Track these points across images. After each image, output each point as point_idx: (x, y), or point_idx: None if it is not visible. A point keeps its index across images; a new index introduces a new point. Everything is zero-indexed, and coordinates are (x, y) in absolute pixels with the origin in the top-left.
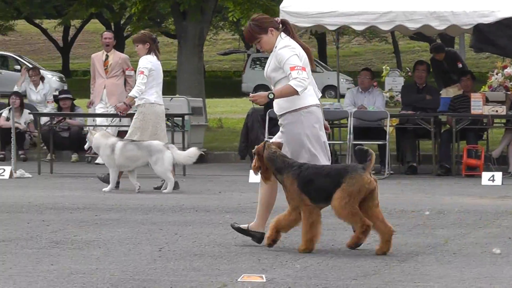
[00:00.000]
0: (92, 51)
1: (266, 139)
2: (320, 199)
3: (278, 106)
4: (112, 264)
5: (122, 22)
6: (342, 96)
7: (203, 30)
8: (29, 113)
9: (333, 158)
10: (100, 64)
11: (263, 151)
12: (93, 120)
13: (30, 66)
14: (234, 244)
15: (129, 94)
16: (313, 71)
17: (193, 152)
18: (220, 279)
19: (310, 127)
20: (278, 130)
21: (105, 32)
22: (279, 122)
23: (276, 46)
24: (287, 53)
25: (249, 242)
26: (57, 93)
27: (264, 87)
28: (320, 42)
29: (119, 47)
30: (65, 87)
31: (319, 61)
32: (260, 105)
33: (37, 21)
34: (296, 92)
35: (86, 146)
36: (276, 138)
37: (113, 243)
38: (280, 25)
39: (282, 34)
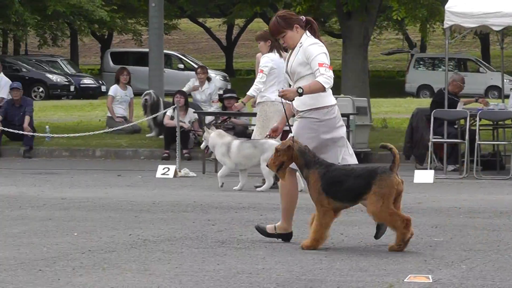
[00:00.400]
0: (255, 51)
1: (292, 134)
2: (347, 199)
3: (301, 102)
4: (278, 264)
5: None
6: (506, 96)
7: (368, 29)
8: (194, 112)
9: (497, 158)
10: None
11: (287, 147)
12: None
13: (196, 66)
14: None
15: (247, 93)
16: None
17: None
18: (387, 279)
19: (318, 136)
20: (443, 130)
21: None
22: (296, 116)
23: (301, 43)
24: (316, 50)
25: (414, 243)
26: (221, 92)
27: (428, 88)
28: (483, 42)
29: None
30: (229, 86)
31: (482, 62)
32: (289, 101)
33: (200, 19)
34: (323, 89)
35: (202, 146)
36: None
37: (278, 243)
38: (305, 24)
39: (307, 32)
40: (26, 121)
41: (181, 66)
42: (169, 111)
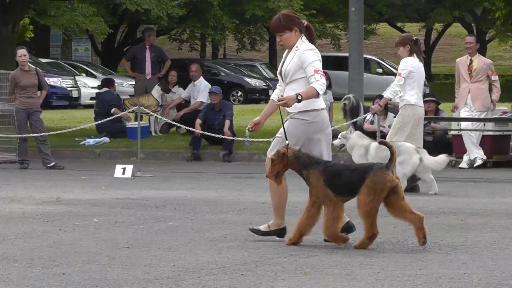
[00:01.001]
0: (453, 55)
1: (287, 142)
2: (345, 192)
3: (297, 106)
4: (480, 269)
5: (484, 27)
6: None
7: None
8: (394, 117)
9: None
10: (464, 68)
11: (282, 155)
12: (458, 125)
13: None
14: None
15: (384, 96)
16: None
17: (442, 158)
18: None
19: (309, 135)
20: None
21: (467, 37)
22: (287, 117)
23: (297, 47)
24: (312, 56)
25: None
26: None
27: None
28: None
29: (481, 51)
30: (427, 91)
31: None
32: (288, 107)
33: (398, 24)
34: (317, 95)
35: (336, 142)
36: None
37: (479, 248)
38: (305, 29)
39: (303, 37)
40: (226, 125)
41: (380, 70)
42: (369, 116)
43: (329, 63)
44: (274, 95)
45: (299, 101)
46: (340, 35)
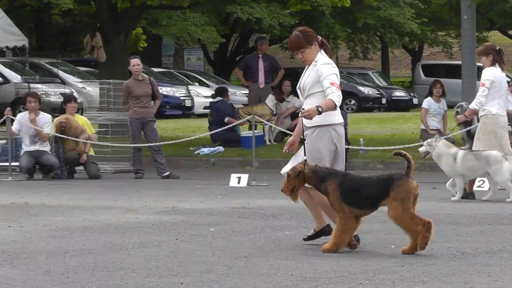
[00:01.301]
0: None
1: (305, 158)
2: (367, 206)
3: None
4: None
5: None
6: None
7: None
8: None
9: None
10: None
11: (298, 172)
12: None
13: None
14: None
15: (469, 106)
16: None
17: None
18: None
19: (331, 144)
20: None
21: None
22: (305, 133)
23: (316, 61)
24: (328, 70)
25: None
26: None
27: None
28: None
29: None
30: None
31: None
32: (310, 119)
33: (510, 32)
34: (335, 107)
35: (421, 150)
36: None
37: None
38: (320, 44)
39: (322, 52)
40: None
41: None
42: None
43: (441, 71)
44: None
45: (319, 113)
46: (452, 43)
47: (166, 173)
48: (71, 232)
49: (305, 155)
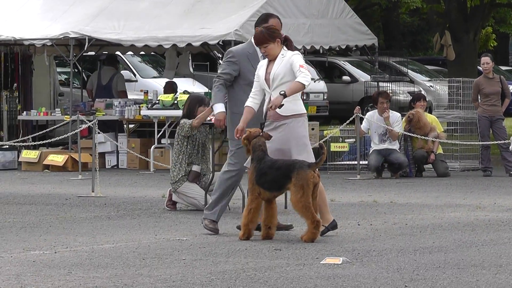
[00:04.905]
0: None
1: (263, 130)
2: (273, 189)
3: (285, 108)
4: None
5: None
6: None
7: None
8: None
9: None
10: None
11: (253, 137)
12: None
13: None
14: None
15: None
16: None
17: None
18: None
19: (307, 130)
20: None
21: None
22: (278, 124)
23: (283, 54)
24: (299, 57)
25: None
26: None
27: None
28: None
29: None
30: None
31: None
32: (279, 109)
33: None
34: (303, 86)
35: None
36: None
37: None
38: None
39: (285, 47)
40: None
41: None
42: None
43: None
44: (251, 103)
45: (284, 96)
46: None
47: None
48: (421, 230)
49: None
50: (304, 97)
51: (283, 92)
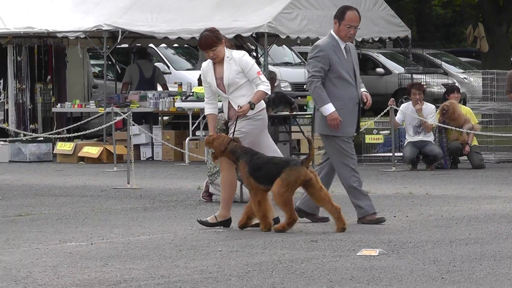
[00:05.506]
0: None
1: (232, 136)
2: (267, 183)
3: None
4: None
5: None
6: None
7: None
8: None
9: None
10: None
11: (224, 145)
12: None
13: None
14: None
15: None
16: None
17: None
18: None
19: (262, 130)
20: None
21: None
22: (247, 118)
23: (228, 56)
24: (250, 60)
25: None
26: None
27: None
28: None
29: None
30: None
31: None
32: (246, 115)
33: None
34: (266, 95)
35: None
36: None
37: None
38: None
39: (226, 47)
40: None
41: None
42: None
43: None
44: (211, 109)
45: (252, 108)
46: None
47: None
48: (457, 221)
49: (233, 135)
50: None
51: (253, 106)
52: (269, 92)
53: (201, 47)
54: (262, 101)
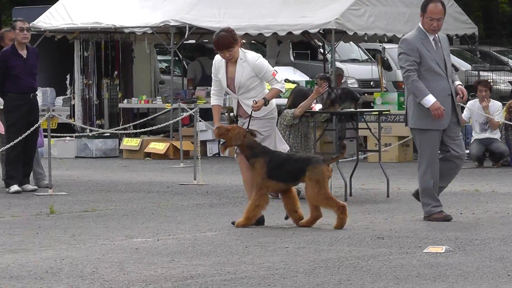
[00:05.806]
0: None
1: (248, 128)
2: (289, 180)
3: (263, 109)
4: None
5: None
6: None
7: None
8: None
9: None
10: None
11: (240, 138)
12: None
13: None
14: None
15: None
16: None
17: None
18: None
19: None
20: None
21: None
22: (261, 118)
23: (242, 58)
24: (264, 62)
25: None
26: None
27: None
28: None
29: None
30: None
31: None
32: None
33: None
34: (280, 92)
35: None
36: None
37: None
38: None
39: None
40: None
41: None
42: None
43: None
44: (217, 101)
45: (266, 105)
46: None
47: None
48: None
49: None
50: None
51: (267, 102)
52: (284, 90)
53: (217, 47)
54: (273, 100)
